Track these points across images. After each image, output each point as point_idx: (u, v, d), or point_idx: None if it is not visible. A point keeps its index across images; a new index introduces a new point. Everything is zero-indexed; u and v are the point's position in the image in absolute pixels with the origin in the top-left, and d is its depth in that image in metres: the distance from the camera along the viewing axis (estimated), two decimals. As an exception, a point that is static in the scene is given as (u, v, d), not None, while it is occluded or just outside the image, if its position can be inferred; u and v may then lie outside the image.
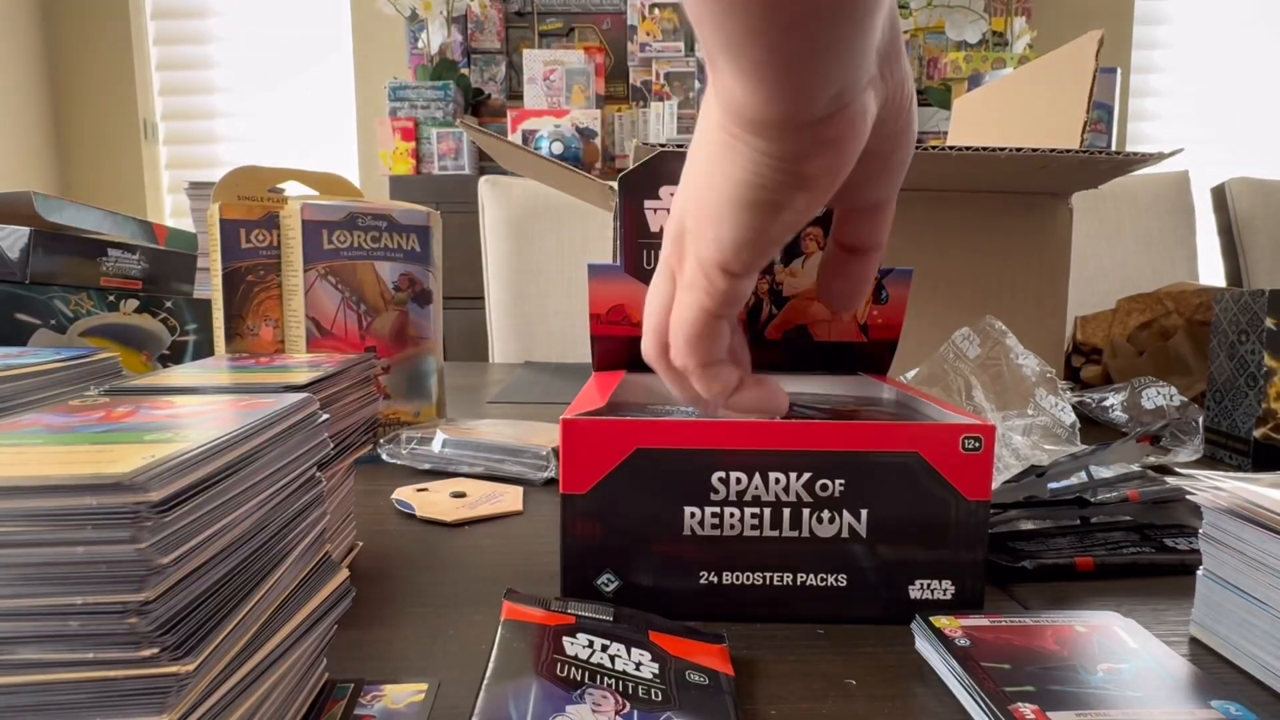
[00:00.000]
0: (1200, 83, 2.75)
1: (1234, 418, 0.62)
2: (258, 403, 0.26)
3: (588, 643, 0.30)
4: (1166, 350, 0.84)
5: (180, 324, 0.73)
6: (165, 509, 0.18)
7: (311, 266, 0.60)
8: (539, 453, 0.59)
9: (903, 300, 0.49)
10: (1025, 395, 0.61)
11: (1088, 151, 0.65)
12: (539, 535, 0.47)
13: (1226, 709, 0.27)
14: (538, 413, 0.82)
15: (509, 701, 0.25)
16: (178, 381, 0.32)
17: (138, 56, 2.75)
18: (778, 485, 0.35)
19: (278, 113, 2.78)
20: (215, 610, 0.20)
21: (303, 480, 0.26)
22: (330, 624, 0.26)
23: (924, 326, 0.78)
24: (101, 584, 0.17)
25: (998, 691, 0.27)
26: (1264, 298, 0.59)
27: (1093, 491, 0.46)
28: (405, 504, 0.51)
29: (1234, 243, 1.63)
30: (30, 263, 0.62)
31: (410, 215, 0.64)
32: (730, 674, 0.30)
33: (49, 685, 0.17)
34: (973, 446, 0.35)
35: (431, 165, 2.38)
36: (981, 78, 2.17)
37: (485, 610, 0.37)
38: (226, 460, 0.21)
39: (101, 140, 2.77)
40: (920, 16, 2.39)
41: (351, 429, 0.40)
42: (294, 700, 0.25)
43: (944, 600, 0.36)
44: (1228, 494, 0.32)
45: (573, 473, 0.35)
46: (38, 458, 0.19)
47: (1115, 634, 0.32)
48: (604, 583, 0.36)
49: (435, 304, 0.67)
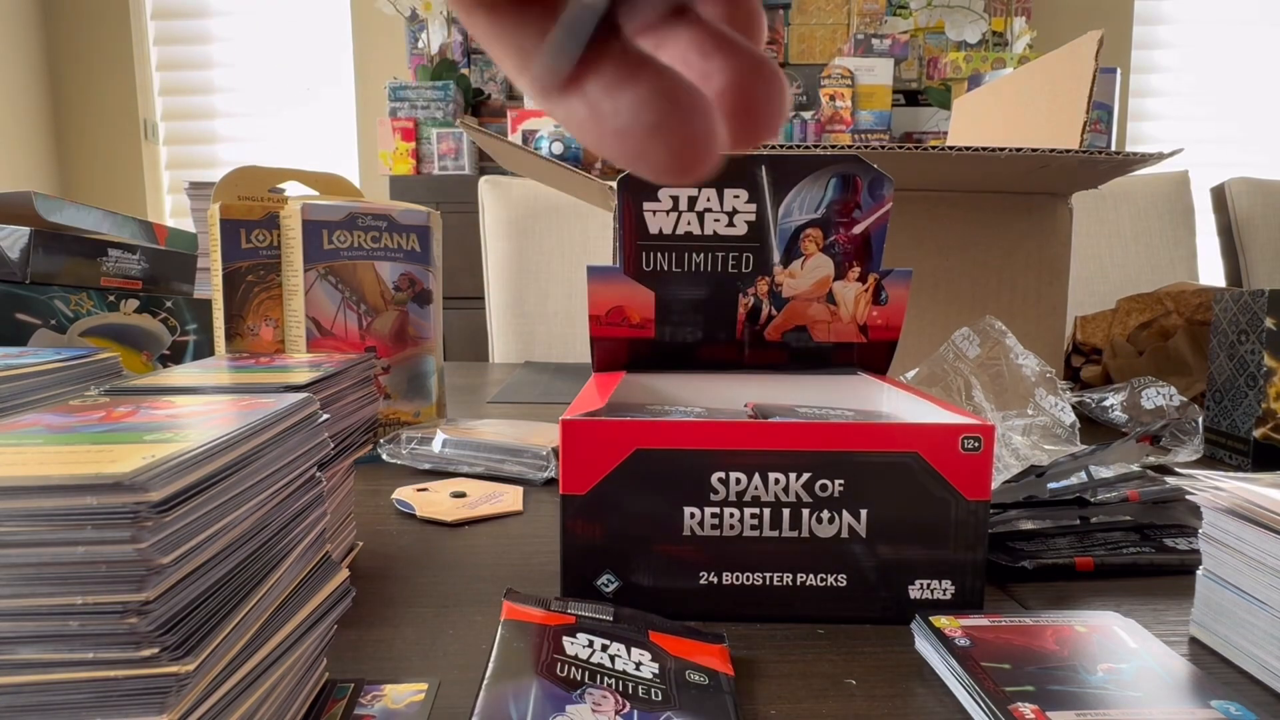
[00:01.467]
0: (1200, 83, 2.75)
1: (1234, 418, 0.62)
2: (258, 403, 0.26)
3: (588, 643, 0.30)
4: (1166, 350, 0.84)
5: (180, 324, 0.73)
6: (165, 509, 0.18)
7: (311, 266, 0.60)
8: (539, 453, 0.59)
9: (902, 300, 0.49)
10: (1025, 395, 0.61)
11: (1088, 151, 0.65)
12: (539, 535, 0.47)
13: (1226, 709, 0.27)
14: (538, 413, 0.82)
15: (509, 701, 0.25)
16: (178, 381, 0.32)
17: (138, 56, 2.75)
18: (777, 485, 0.35)
19: (278, 113, 2.78)
20: (215, 610, 0.20)
21: (303, 480, 0.26)
22: (330, 624, 0.26)
23: (924, 326, 0.78)
24: (101, 584, 0.17)
25: (998, 691, 0.27)
26: (1264, 298, 0.59)
27: (1093, 491, 0.46)
28: (405, 504, 0.51)
29: (1234, 243, 1.63)
30: (30, 263, 0.62)
31: (410, 215, 0.64)
32: (730, 674, 0.30)
33: (49, 685, 0.17)
34: (972, 446, 0.35)
35: (431, 165, 2.38)
36: (981, 78, 2.17)
37: (485, 610, 0.37)
38: (226, 460, 0.21)
39: (101, 140, 2.77)
40: (920, 16, 2.39)
41: (351, 429, 0.40)
42: (294, 700, 0.25)
43: (944, 600, 0.36)
44: (1228, 494, 0.32)
45: (572, 473, 0.35)
46: (38, 458, 0.19)
47: (1115, 634, 0.32)
48: (604, 583, 0.36)
49: (435, 304, 0.67)
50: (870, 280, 0.49)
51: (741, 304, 0.49)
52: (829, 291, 0.49)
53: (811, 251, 0.48)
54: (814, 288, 0.49)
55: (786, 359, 0.50)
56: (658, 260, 0.48)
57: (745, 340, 0.50)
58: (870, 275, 0.49)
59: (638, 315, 0.49)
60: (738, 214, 0.48)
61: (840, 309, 0.49)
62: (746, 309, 0.49)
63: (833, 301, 0.49)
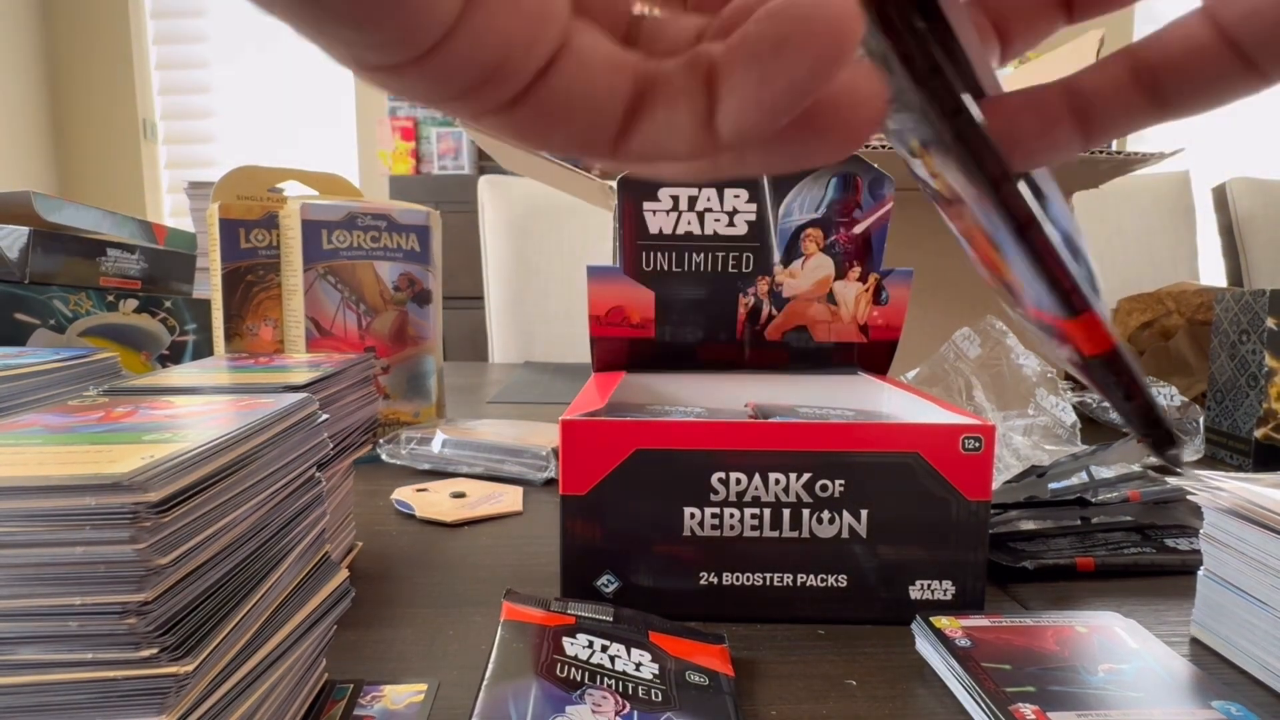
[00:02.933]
0: (1200, 83, 2.74)
1: (1235, 418, 0.62)
2: (257, 403, 0.26)
3: (588, 643, 0.30)
4: (1167, 350, 0.84)
5: (180, 324, 0.73)
6: (164, 509, 0.18)
7: (311, 266, 0.60)
8: (539, 453, 0.59)
9: (903, 300, 0.49)
10: (1026, 395, 0.61)
11: (1088, 151, 0.65)
12: (539, 536, 0.47)
13: (1227, 709, 0.27)
14: (538, 413, 0.82)
15: (509, 702, 0.25)
16: (177, 381, 0.32)
17: (137, 56, 2.75)
18: (777, 486, 0.35)
19: (277, 113, 2.78)
20: (215, 610, 0.20)
21: (302, 480, 0.26)
22: (330, 624, 0.26)
23: (924, 326, 0.78)
24: (101, 584, 0.17)
25: (998, 692, 0.27)
26: (1265, 298, 0.59)
27: (1093, 492, 0.46)
28: (405, 504, 0.51)
29: (1234, 243, 1.63)
30: (30, 263, 0.62)
31: (410, 215, 0.64)
32: (730, 674, 0.30)
33: (49, 685, 0.17)
34: (973, 446, 0.34)
35: (431, 165, 2.38)
36: (981, 78, 2.17)
37: (485, 610, 0.36)
38: (226, 460, 0.21)
39: (101, 140, 2.77)
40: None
41: (351, 429, 0.40)
42: (294, 700, 0.25)
43: (944, 600, 0.36)
44: (1229, 494, 0.32)
45: (572, 473, 0.35)
46: (37, 458, 0.19)
47: (1116, 634, 0.32)
48: (604, 583, 0.36)
49: (435, 304, 0.67)
50: (871, 280, 0.49)
51: (742, 304, 0.49)
52: (829, 291, 0.49)
53: (812, 251, 0.48)
54: (814, 288, 0.49)
55: (787, 359, 0.50)
56: (658, 260, 0.48)
57: (745, 340, 0.50)
58: (871, 275, 0.49)
59: (638, 315, 0.49)
60: (738, 214, 0.48)
61: (841, 309, 0.49)
62: (747, 309, 0.49)
63: (833, 301, 0.49)
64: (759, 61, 0.12)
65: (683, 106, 0.13)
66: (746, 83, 0.13)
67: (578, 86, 0.13)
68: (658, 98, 0.14)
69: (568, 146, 0.14)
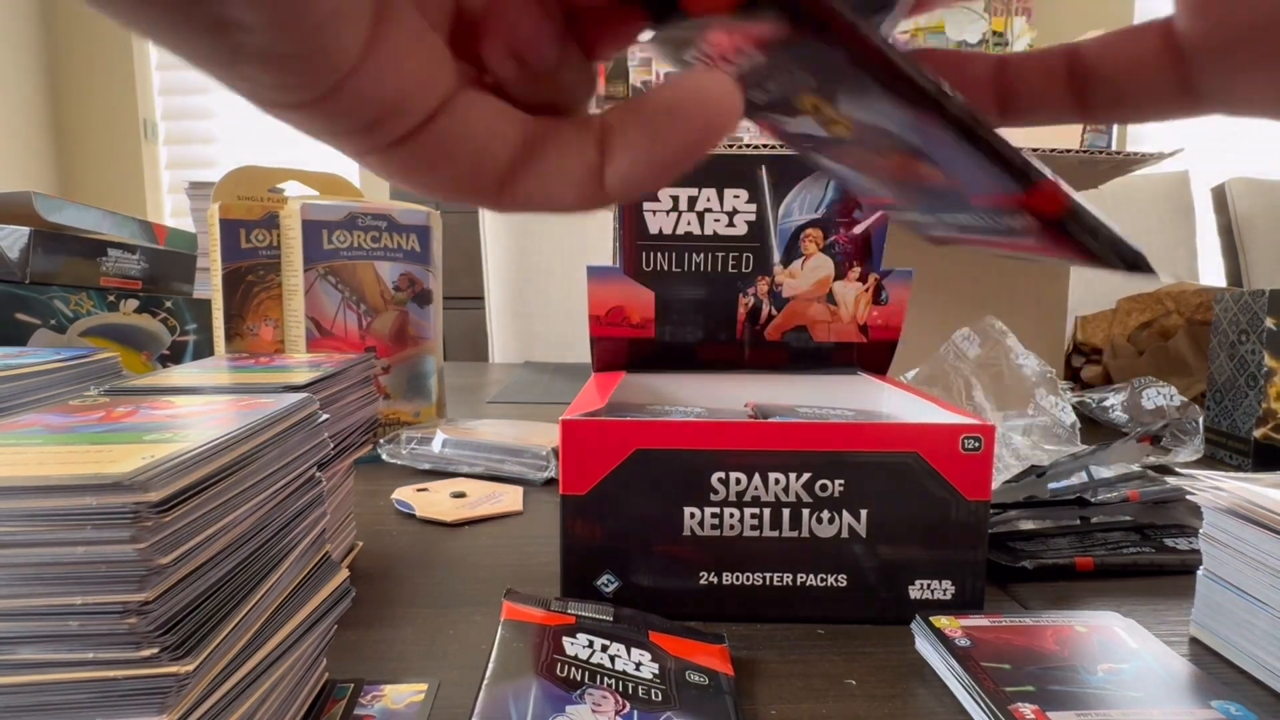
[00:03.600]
0: (1200, 83, 2.74)
1: (1234, 418, 0.62)
2: (257, 403, 0.26)
3: (588, 643, 0.30)
4: (1166, 350, 0.84)
5: (180, 324, 0.73)
6: (165, 509, 0.18)
7: (311, 266, 0.60)
8: (539, 453, 0.59)
9: (903, 301, 0.49)
10: (1025, 395, 0.61)
11: (1088, 151, 0.65)
12: (539, 535, 0.47)
13: (1227, 709, 0.27)
14: (538, 413, 0.82)
15: (509, 702, 0.25)
16: (177, 381, 0.32)
17: (137, 56, 2.75)
18: (777, 486, 0.35)
19: (278, 113, 2.77)
20: (215, 610, 0.20)
21: (302, 480, 0.26)
22: (330, 624, 0.26)
23: (924, 326, 0.78)
24: (101, 584, 0.17)
25: (998, 691, 0.27)
26: (1264, 298, 0.59)
27: (1093, 491, 0.46)
28: (405, 504, 0.51)
29: (1234, 243, 1.63)
30: (30, 263, 0.62)
31: (410, 215, 0.64)
32: (730, 674, 0.30)
33: (49, 685, 0.17)
34: (973, 446, 0.35)
35: (431, 165, 2.37)
36: (981, 78, 2.17)
37: (485, 610, 0.37)
38: (226, 460, 0.21)
39: (101, 140, 2.77)
40: (920, 16, 2.39)
41: (351, 429, 0.40)
42: (294, 700, 0.25)
43: (944, 600, 0.36)
44: (1228, 494, 0.32)
45: (572, 473, 0.35)
46: (38, 458, 0.19)
47: (1115, 634, 0.32)
48: (604, 583, 0.36)
49: (435, 304, 0.67)
50: (871, 280, 0.49)
51: (742, 304, 0.49)
52: (829, 291, 0.49)
53: (812, 251, 0.48)
54: (814, 288, 0.49)
55: (787, 359, 0.50)
56: (658, 260, 0.48)
57: (745, 340, 0.50)
58: (871, 275, 0.49)
59: (638, 315, 0.49)
60: (738, 214, 0.48)
61: (840, 309, 0.49)
62: (747, 309, 0.49)
63: (833, 301, 0.49)
64: (653, 123, 0.14)
65: (574, 157, 0.15)
66: (640, 141, 0.14)
67: (465, 129, 0.14)
68: (549, 149, 0.15)
69: (452, 188, 0.15)
